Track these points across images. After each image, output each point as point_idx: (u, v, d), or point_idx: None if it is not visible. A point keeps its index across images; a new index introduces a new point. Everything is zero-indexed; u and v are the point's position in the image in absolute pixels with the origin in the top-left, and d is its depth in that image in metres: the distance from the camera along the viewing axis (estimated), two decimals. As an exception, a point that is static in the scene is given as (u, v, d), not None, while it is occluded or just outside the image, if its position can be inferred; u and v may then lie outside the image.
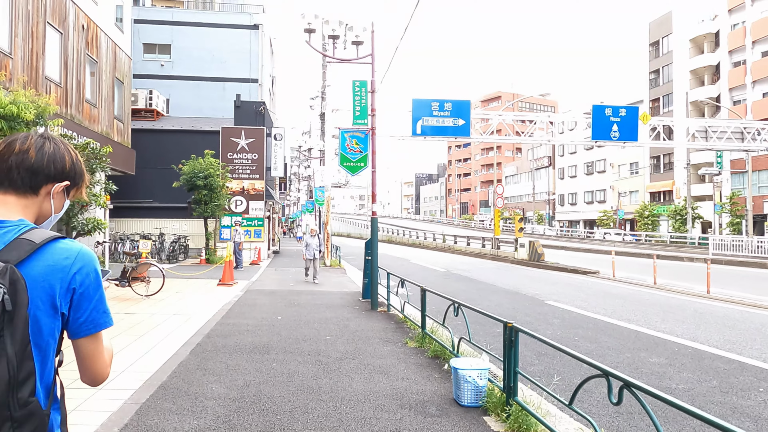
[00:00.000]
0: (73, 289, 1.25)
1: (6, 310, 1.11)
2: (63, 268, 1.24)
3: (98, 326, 1.31)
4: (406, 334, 7.93)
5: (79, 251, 1.27)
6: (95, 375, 1.33)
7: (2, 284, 1.12)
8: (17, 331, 1.13)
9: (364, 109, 10.33)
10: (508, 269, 21.26)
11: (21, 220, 1.27)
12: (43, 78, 15.78)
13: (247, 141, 24.53)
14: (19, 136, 1.33)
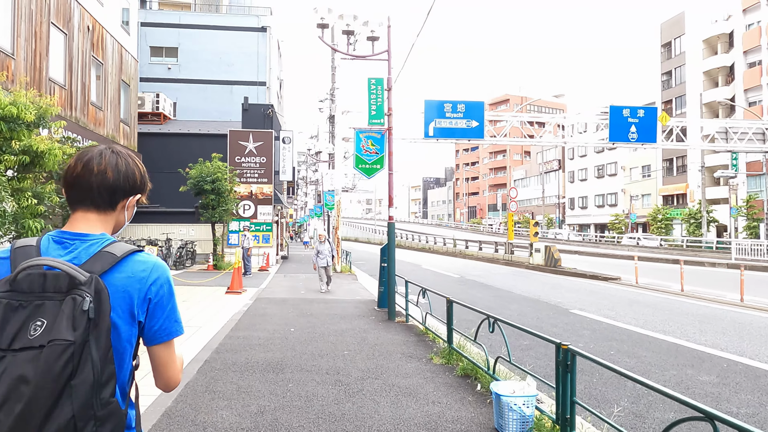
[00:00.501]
0: (149, 299, 1.35)
1: (91, 317, 1.19)
2: (141, 279, 1.33)
3: (171, 334, 1.39)
4: (429, 348, 7.36)
5: (155, 264, 1.38)
6: (168, 380, 1.43)
7: (89, 293, 1.20)
8: (101, 337, 1.21)
9: (380, 108, 9.79)
10: (524, 275, 20.62)
11: (103, 234, 1.36)
12: (46, 79, 15.36)
13: (255, 144, 24.05)
14: (93, 155, 1.40)
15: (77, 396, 1.16)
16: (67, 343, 1.15)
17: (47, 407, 1.14)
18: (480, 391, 5.38)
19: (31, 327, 1.17)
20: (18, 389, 1.12)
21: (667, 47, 52.28)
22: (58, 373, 1.14)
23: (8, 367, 1.14)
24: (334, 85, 25.96)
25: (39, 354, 1.14)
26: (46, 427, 1.14)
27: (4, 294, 1.21)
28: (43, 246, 1.32)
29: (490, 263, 26.59)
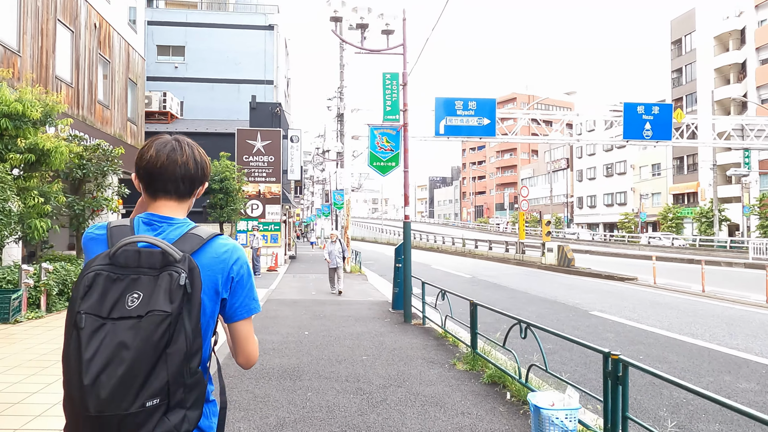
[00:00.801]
0: (231, 277, 1.44)
1: (187, 292, 1.28)
2: (224, 260, 1.43)
3: (250, 311, 1.48)
4: (451, 353, 7.04)
5: (235, 246, 1.48)
6: (248, 356, 1.51)
7: (184, 270, 1.29)
8: (193, 310, 1.29)
9: (395, 104, 9.48)
10: (537, 275, 20.26)
11: (185, 219, 1.48)
12: (53, 77, 15.14)
13: (263, 143, 23.80)
14: (175, 146, 1.49)
15: (171, 363, 1.24)
16: (165, 314, 1.24)
17: (146, 372, 1.21)
18: (511, 400, 5.07)
19: (128, 298, 1.25)
20: (120, 354, 1.20)
21: (678, 44, 51.70)
22: (157, 341, 1.22)
23: (109, 334, 1.22)
24: (342, 83, 25.69)
25: (138, 323, 1.22)
26: (143, 390, 1.21)
27: (104, 267, 1.29)
28: (135, 226, 1.42)
29: (501, 263, 26.22)
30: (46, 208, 9.92)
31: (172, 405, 1.25)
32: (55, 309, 9.40)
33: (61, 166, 10.56)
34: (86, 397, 1.18)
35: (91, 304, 1.25)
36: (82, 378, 1.18)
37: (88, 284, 1.27)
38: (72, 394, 1.21)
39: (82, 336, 1.22)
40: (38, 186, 10.24)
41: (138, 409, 1.20)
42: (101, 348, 1.20)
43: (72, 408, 1.22)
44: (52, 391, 4.93)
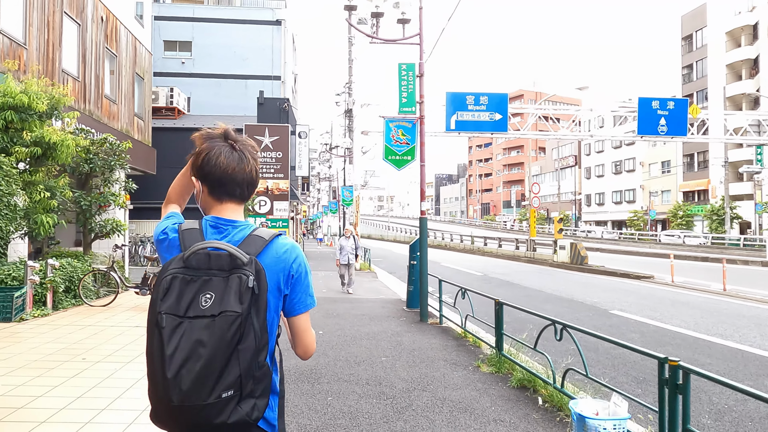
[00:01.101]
0: (291, 275, 1.54)
1: (255, 293, 1.38)
2: (285, 260, 1.53)
3: (307, 306, 1.59)
4: (473, 354, 6.73)
5: (293, 245, 1.58)
6: (306, 347, 1.61)
7: (251, 272, 1.38)
8: (260, 310, 1.39)
9: (411, 96, 9.16)
10: (549, 273, 19.91)
11: (246, 221, 1.59)
12: (59, 71, 14.90)
13: (271, 139, 23.50)
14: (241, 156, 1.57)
15: (243, 359, 1.34)
16: (236, 315, 1.33)
17: (221, 367, 1.31)
18: (545, 406, 4.76)
19: (202, 299, 1.35)
20: (197, 351, 1.30)
21: (688, 40, 51.09)
22: (229, 339, 1.32)
23: (187, 332, 1.32)
24: (351, 78, 25.38)
25: (212, 322, 1.32)
26: (219, 383, 1.31)
27: (179, 270, 1.38)
28: (204, 229, 1.52)
29: (512, 261, 25.86)
30: (53, 203, 9.68)
31: (243, 395, 1.37)
32: (62, 306, 9.15)
33: (68, 160, 10.30)
34: (170, 390, 1.30)
35: (169, 304, 1.35)
36: (166, 372, 1.30)
37: (166, 287, 1.38)
38: (157, 386, 1.33)
39: (163, 334, 1.33)
40: (44, 180, 9.99)
41: (215, 400, 1.32)
42: (180, 345, 1.31)
43: (157, 398, 1.35)
44: (58, 394, 4.66)
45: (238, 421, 1.36)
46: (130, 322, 8.25)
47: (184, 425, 1.36)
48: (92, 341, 6.82)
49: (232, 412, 1.34)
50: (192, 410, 1.31)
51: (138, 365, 5.72)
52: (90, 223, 11.44)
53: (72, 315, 8.69)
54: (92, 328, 7.69)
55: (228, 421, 1.34)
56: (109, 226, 11.64)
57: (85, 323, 8.00)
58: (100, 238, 12.12)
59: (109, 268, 9.82)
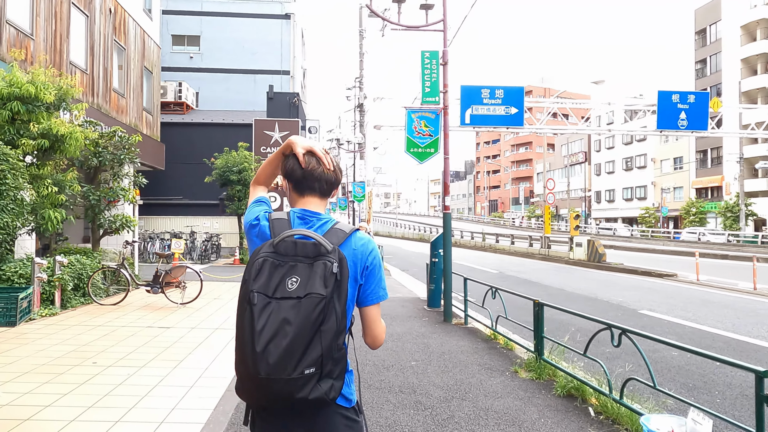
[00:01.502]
0: (366, 267, 1.66)
1: (337, 279, 1.49)
2: (362, 252, 1.65)
3: (379, 297, 1.69)
4: (507, 358, 6.31)
5: (370, 240, 1.71)
6: (375, 337, 1.71)
7: (335, 260, 1.50)
8: (342, 295, 1.50)
9: (435, 85, 8.73)
10: (567, 271, 19.43)
11: (328, 215, 1.70)
12: (67, 63, 14.55)
13: (281, 134, 23.12)
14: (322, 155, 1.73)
15: (325, 339, 1.46)
16: (321, 297, 1.46)
17: (305, 345, 1.44)
18: (599, 418, 4.33)
19: (288, 282, 1.48)
20: (284, 328, 1.43)
21: (702, 34, 50.29)
22: (314, 319, 1.45)
23: (274, 310, 1.45)
24: (362, 72, 24.94)
25: (298, 303, 1.45)
26: (303, 359, 1.43)
27: (270, 254, 1.53)
28: (291, 219, 1.67)
29: (525, 258, 25.39)
30: (61, 197, 9.32)
31: (323, 374, 1.46)
32: (70, 305, 8.79)
33: (76, 153, 9.95)
34: (258, 363, 1.42)
35: (260, 284, 1.48)
36: (255, 346, 1.42)
37: (258, 268, 1.50)
38: (246, 359, 1.44)
39: (254, 311, 1.45)
40: (52, 174, 9.64)
41: (298, 375, 1.42)
42: (269, 322, 1.43)
43: (246, 371, 1.46)
44: (67, 403, 4.27)
45: (318, 398, 1.46)
46: (141, 321, 7.87)
47: (268, 397, 1.46)
48: (103, 343, 6.44)
49: (313, 388, 1.45)
50: (277, 383, 1.42)
51: (153, 370, 5.33)
52: (99, 219, 11.09)
53: (81, 314, 8.33)
54: (103, 328, 7.31)
55: (309, 397, 1.44)
56: (119, 221, 11.29)
57: (95, 323, 7.64)
58: (109, 234, 11.77)
59: (119, 266, 9.45)
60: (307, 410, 1.52)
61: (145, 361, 5.65)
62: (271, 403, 1.49)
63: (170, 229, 22.52)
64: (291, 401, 1.45)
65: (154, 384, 4.87)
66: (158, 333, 7.09)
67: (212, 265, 18.85)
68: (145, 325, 7.64)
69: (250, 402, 1.55)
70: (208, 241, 19.56)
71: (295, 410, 1.52)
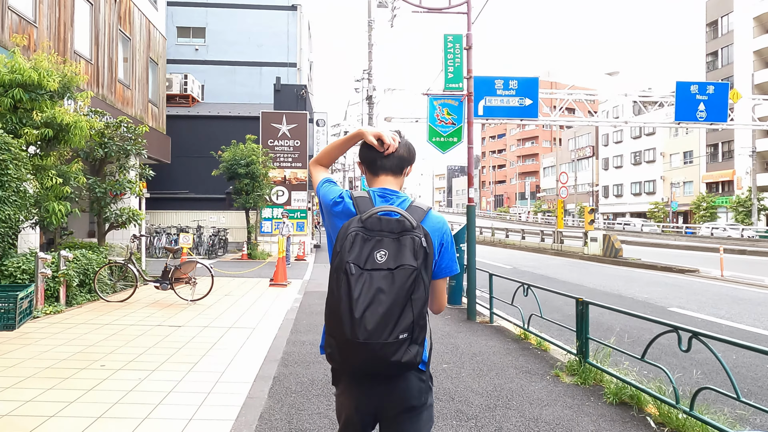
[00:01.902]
0: (441, 243, 1.79)
1: (426, 252, 1.62)
2: (438, 229, 1.78)
3: (451, 271, 1.81)
4: (544, 360, 5.87)
5: (444, 218, 1.83)
6: (441, 305, 1.86)
7: (422, 235, 1.64)
8: (428, 267, 1.63)
9: (458, 70, 8.27)
10: (582, 266, 18.96)
11: (404, 193, 1.85)
12: (71, 52, 14.13)
13: (288, 127, 22.69)
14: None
15: (415, 307, 1.59)
16: (413, 268, 1.59)
17: (399, 312, 1.57)
18: (662, 431, 3.89)
19: (377, 255, 1.60)
20: (379, 297, 1.56)
21: (713, 26, 49.53)
22: (406, 289, 1.58)
23: (368, 281, 1.57)
24: (371, 64, 24.45)
25: (391, 274, 1.57)
26: (397, 325, 1.56)
27: (359, 229, 1.64)
28: (373, 197, 1.80)
29: (537, 253, 24.91)
30: (65, 189, 8.91)
31: (413, 340, 1.61)
32: (76, 302, 8.39)
33: (81, 143, 9.53)
34: (357, 328, 1.54)
35: (354, 256, 1.61)
36: (354, 312, 1.55)
37: (351, 240, 1.62)
38: (343, 326, 1.56)
39: (351, 280, 1.57)
40: (56, 165, 9.23)
41: (393, 340, 1.56)
42: (363, 291, 1.56)
43: (343, 336, 1.57)
44: (73, 413, 3.86)
45: (407, 361, 1.59)
46: (151, 320, 7.46)
47: (365, 360, 1.58)
48: (111, 344, 6.03)
49: (405, 352, 1.59)
50: (374, 347, 1.55)
51: (165, 374, 4.91)
52: (105, 213, 10.68)
53: (87, 312, 7.92)
54: (110, 327, 6.91)
55: (402, 360, 1.58)
56: (125, 215, 10.88)
57: (102, 321, 7.23)
58: (115, 228, 11.37)
59: (126, 261, 9.04)
60: (391, 372, 1.66)
61: (157, 364, 5.24)
62: (366, 366, 1.61)
63: (176, 223, 22.14)
64: (385, 364, 1.57)
65: (167, 390, 4.45)
66: (169, 332, 6.68)
67: (220, 260, 18.47)
68: (154, 323, 7.23)
69: (344, 366, 1.66)
70: (216, 236, 19.16)
71: (381, 372, 1.65)
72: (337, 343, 1.60)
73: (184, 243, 12.16)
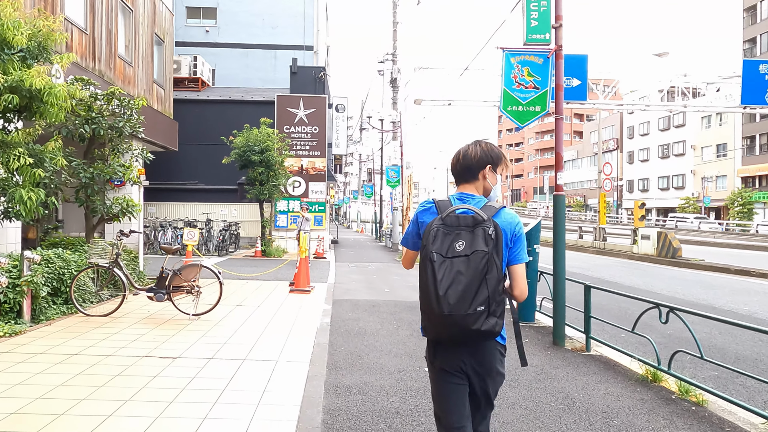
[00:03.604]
0: (514, 234, 2.20)
1: (494, 239, 2.05)
2: (510, 223, 2.20)
3: (522, 259, 2.22)
4: (697, 416, 3.88)
5: (515, 214, 2.22)
6: (521, 290, 2.23)
7: (491, 226, 2.06)
8: (499, 252, 2.06)
9: (544, 17, 6.25)
10: (636, 267, 16.86)
11: (480, 196, 2.30)
12: (62, 18, 12.27)
13: (306, 112, 20.74)
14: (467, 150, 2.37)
15: (490, 285, 2.01)
16: (485, 252, 2.02)
17: (475, 289, 2.00)
18: None
19: (456, 245, 2.05)
20: (458, 278, 2.00)
21: (751, 11, 46.81)
22: (481, 269, 2.00)
23: (449, 266, 2.02)
24: (395, 44, 22.42)
25: (467, 259, 2.01)
26: (474, 299, 1.99)
27: (440, 225, 2.10)
28: (452, 200, 2.26)
29: (578, 252, 22.75)
30: (38, 173, 7.02)
31: (490, 312, 2.03)
32: (45, 317, 6.51)
33: (60, 116, 7.60)
34: (442, 304, 1.98)
35: (437, 247, 2.06)
36: (438, 291, 1.99)
37: (434, 235, 2.08)
38: (431, 302, 2.01)
39: (435, 266, 2.02)
40: (27, 143, 7.36)
41: (472, 311, 1.99)
42: (446, 274, 2.01)
43: (431, 311, 2.03)
44: None
45: (486, 330, 2.02)
46: (137, 345, 5.56)
47: (450, 329, 2.04)
48: (68, 394, 4.12)
49: (483, 322, 2.01)
50: (457, 317, 1.99)
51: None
52: (93, 202, 8.81)
53: (56, 332, 6.04)
54: (78, 360, 5.01)
55: (481, 329, 2.01)
56: (119, 205, 9.01)
57: (70, 350, 5.33)
58: (107, 221, 9.51)
59: (111, 263, 7.11)
60: (476, 341, 2.13)
61: None
62: (451, 334, 2.08)
63: (184, 216, 20.32)
64: (467, 332, 2.02)
65: None
66: (158, 370, 4.77)
67: (231, 257, 16.60)
68: (141, 352, 5.32)
69: (434, 336, 2.17)
70: (226, 231, 17.30)
71: (467, 342, 2.13)
72: (428, 318, 2.10)
73: (189, 240, 10.27)
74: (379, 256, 19.58)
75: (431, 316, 2.02)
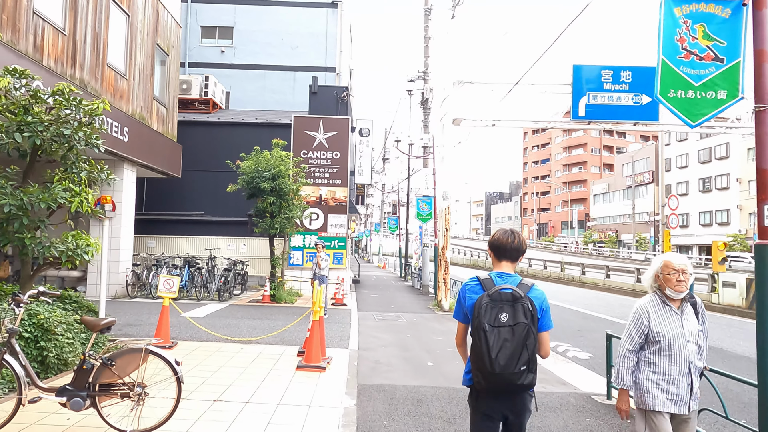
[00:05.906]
0: (542, 308, 2.75)
1: (532, 314, 2.63)
2: (539, 298, 2.74)
3: (548, 327, 2.78)
4: None
5: (542, 291, 2.80)
6: (546, 352, 2.80)
7: (529, 302, 2.64)
8: (534, 323, 2.63)
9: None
10: (729, 324, 13.74)
11: (516, 274, 2.82)
12: (29, 11, 10.07)
13: (326, 135, 18.31)
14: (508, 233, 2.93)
15: (529, 349, 2.57)
16: (526, 324, 2.58)
17: (519, 353, 2.56)
18: None
19: (501, 316, 2.60)
20: (505, 344, 2.56)
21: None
22: (523, 337, 2.57)
23: (497, 334, 2.56)
24: (427, 61, 20.02)
25: (511, 329, 2.57)
26: (519, 361, 2.55)
27: (488, 301, 2.63)
28: (494, 278, 2.77)
29: (632, 297, 19.67)
30: None
31: (529, 370, 2.59)
32: None
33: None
34: (494, 364, 2.53)
35: (487, 318, 2.60)
36: (491, 354, 2.54)
37: (484, 308, 2.61)
38: (485, 363, 2.55)
39: (487, 335, 2.56)
40: None
41: (518, 370, 2.55)
42: (495, 340, 2.56)
43: (485, 370, 2.57)
44: None
45: (528, 384, 2.60)
46: None
47: (500, 384, 2.59)
48: None
49: (525, 378, 2.58)
50: (506, 375, 2.55)
51: None
52: (20, 242, 6.23)
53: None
54: None
55: (524, 383, 2.58)
56: (62, 246, 6.45)
57: None
58: (55, 266, 6.92)
59: (1, 347, 4.41)
60: (516, 391, 2.66)
61: None
62: (501, 388, 2.63)
63: (185, 252, 17.81)
64: (513, 386, 2.59)
65: None
66: None
67: (234, 302, 13.92)
68: None
69: (483, 388, 2.67)
70: (230, 270, 14.66)
71: (507, 392, 2.67)
72: (482, 374, 2.60)
73: (166, 290, 7.63)
74: (409, 303, 16.73)
75: (485, 373, 2.58)
